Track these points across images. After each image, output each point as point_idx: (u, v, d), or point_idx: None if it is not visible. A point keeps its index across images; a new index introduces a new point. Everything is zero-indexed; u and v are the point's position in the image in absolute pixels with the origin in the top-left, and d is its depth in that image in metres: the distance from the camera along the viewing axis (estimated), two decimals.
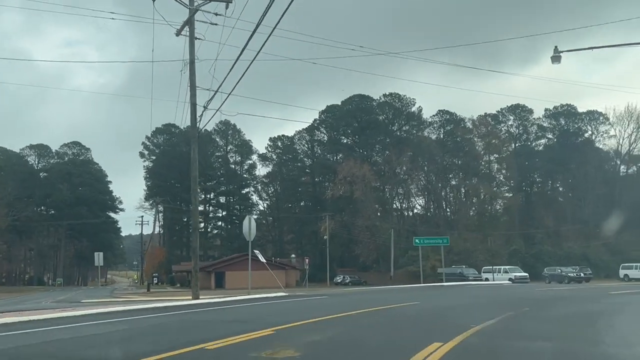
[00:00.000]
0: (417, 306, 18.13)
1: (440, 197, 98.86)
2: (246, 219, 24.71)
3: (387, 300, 20.85)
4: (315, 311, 15.87)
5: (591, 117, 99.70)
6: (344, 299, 22.74)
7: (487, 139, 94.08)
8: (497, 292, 27.54)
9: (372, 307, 16.72)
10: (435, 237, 64.55)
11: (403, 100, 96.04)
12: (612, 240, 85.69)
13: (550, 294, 26.18)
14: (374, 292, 29.22)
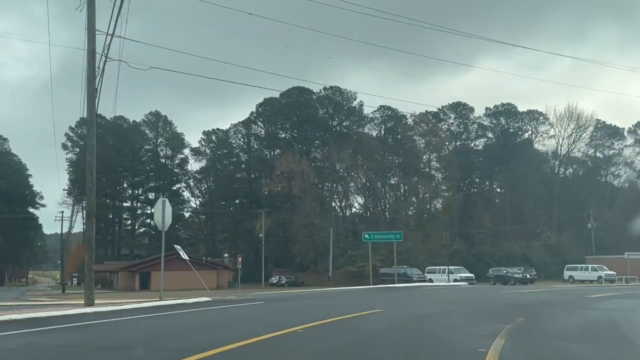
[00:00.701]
0: (383, 316, 14.08)
1: (379, 195, 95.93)
2: (158, 202, 19.98)
3: (340, 308, 16.87)
4: (244, 326, 11.71)
5: (531, 117, 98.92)
6: (284, 306, 18.39)
7: (427, 137, 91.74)
8: (464, 296, 24.08)
9: (324, 319, 12.51)
10: (387, 232, 60.79)
11: (344, 94, 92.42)
12: (552, 241, 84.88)
13: (526, 299, 22.79)
14: (318, 297, 24.98)
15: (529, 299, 22.54)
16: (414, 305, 18.59)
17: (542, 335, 10.54)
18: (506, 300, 21.23)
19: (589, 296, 23.89)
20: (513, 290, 32.57)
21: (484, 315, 14.68)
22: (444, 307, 16.94)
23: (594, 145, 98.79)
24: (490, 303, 19.39)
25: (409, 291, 29.89)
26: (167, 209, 19.91)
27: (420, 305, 18.45)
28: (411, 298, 22.81)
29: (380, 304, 18.37)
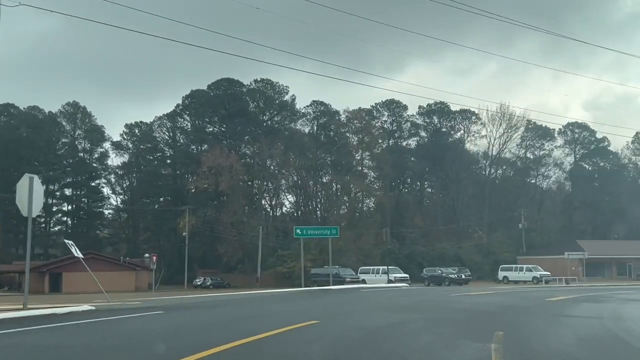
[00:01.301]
0: (321, 332, 10.74)
1: (311, 194, 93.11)
2: (23, 180, 15.51)
3: (263, 319, 13.48)
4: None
5: (464, 117, 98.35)
6: (188, 318, 14.49)
7: (360, 134, 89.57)
8: (412, 301, 21.17)
9: (233, 341, 8.87)
10: (322, 227, 57.50)
11: (275, 88, 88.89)
12: (484, 241, 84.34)
13: (482, 303, 20.10)
14: (239, 303, 21.40)
15: (485, 302, 19.85)
16: (358, 313, 15.40)
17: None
18: (461, 305, 18.45)
19: (549, 299, 21.52)
20: (456, 291, 29.93)
21: (449, 327, 11.69)
22: (397, 317, 13.88)
23: (524, 146, 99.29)
24: (447, 310, 16.53)
25: (347, 294, 26.75)
26: (36, 189, 15.35)
27: (365, 313, 15.30)
28: (352, 303, 19.65)
29: (316, 312, 15.22)
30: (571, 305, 18.29)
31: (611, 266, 75.74)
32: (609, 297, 23.79)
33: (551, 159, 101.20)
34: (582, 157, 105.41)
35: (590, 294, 26.55)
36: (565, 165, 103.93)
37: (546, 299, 21.86)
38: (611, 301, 21.13)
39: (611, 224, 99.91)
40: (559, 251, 75.71)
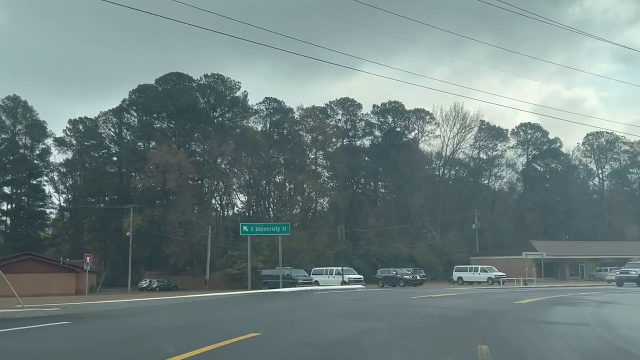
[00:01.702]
0: (261, 351, 8.46)
1: (264, 193, 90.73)
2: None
3: (194, 332, 11.23)
4: None
5: (418, 116, 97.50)
6: (91, 334, 11.95)
7: (314, 132, 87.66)
8: (372, 305, 19.10)
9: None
10: (271, 224, 55.10)
11: (227, 83, 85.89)
12: (437, 242, 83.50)
13: (447, 306, 18.22)
14: (175, 309, 18.99)
15: (451, 306, 18.02)
16: (310, 322, 13.22)
17: None
18: (427, 310, 16.58)
19: (518, 302, 19.84)
20: (414, 293, 28.07)
21: (421, 340, 9.72)
22: (356, 326, 11.83)
23: (478, 146, 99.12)
24: (413, 316, 14.61)
25: (298, 298, 24.58)
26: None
27: (318, 322, 13.13)
28: (303, 309, 17.52)
29: (260, 321, 13.08)
30: (546, 310, 16.64)
31: (564, 267, 75.78)
32: (578, 300, 22.38)
33: (504, 160, 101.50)
34: (534, 158, 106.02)
35: (555, 295, 25.12)
36: (518, 166, 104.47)
37: (515, 301, 20.17)
38: (584, 304, 19.64)
39: (562, 225, 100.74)
40: (512, 251, 75.40)
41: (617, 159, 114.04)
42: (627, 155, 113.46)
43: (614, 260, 79.59)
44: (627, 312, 16.43)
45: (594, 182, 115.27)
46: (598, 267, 76.51)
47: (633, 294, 29.11)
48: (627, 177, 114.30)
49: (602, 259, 79.58)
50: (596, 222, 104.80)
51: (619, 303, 20.49)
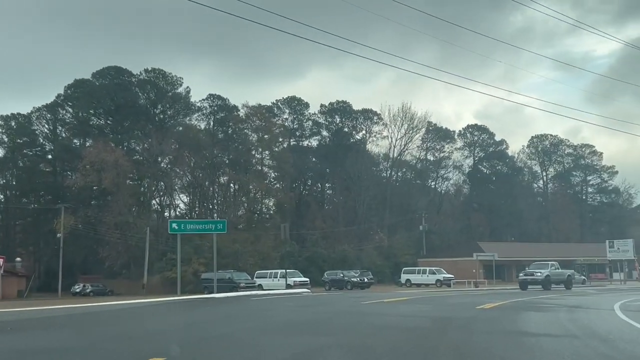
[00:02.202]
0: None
1: (207, 194, 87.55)
2: None
3: (77, 356, 8.51)
4: None
5: (366, 116, 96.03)
6: None
7: (260, 132, 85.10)
8: (318, 312, 16.73)
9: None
10: (205, 221, 51.94)
11: (168, 79, 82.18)
12: (385, 244, 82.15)
13: (404, 314, 15.93)
14: (82, 321, 16.16)
15: (409, 314, 15.88)
16: (237, 339, 10.68)
17: None
18: (382, 319, 14.41)
19: (480, 307, 17.91)
20: (364, 297, 25.93)
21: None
22: (298, 345, 9.45)
23: (425, 147, 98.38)
24: (367, 328, 12.35)
25: (235, 305, 21.96)
26: None
27: (248, 339, 10.54)
28: (237, 320, 15.00)
29: (175, 338, 10.56)
30: (516, 317, 14.72)
31: (511, 269, 75.31)
32: (542, 304, 20.72)
33: (451, 161, 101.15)
34: (480, 159, 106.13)
35: (515, 299, 23.37)
36: (465, 168, 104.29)
37: (476, 306, 18.26)
38: (553, 309, 17.94)
39: (508, 226, 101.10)
40: (460, 253, 74.83)
41: (561, 161, 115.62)
42: (571, 158, 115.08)
43: (560, 262, 79.89)
44: (605, 319, 14.67)
45: (539, 184, 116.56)
46: None
47: (593, 297, 27.84)
48: (570, 180, 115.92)
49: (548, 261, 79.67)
50: (541, 224, 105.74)
51: (587, 307, 18.92)
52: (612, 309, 17.57)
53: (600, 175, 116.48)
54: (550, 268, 42.60)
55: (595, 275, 75.41)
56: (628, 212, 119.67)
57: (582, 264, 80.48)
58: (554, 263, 43.95)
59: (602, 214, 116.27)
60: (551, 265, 43.18)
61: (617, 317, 14.93)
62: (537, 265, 44.47)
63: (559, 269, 43.79)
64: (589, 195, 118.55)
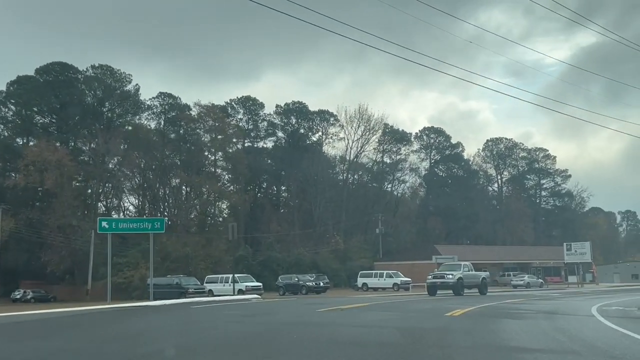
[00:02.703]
0: None
1: (158, 196, 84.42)
2: None
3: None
4: None
5: (322, 118, 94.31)
6: None
7: (214, 132, 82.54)
8: (261, 323, 14.48)
9: None
10: (140, 219, 48.92)
11: (116, 76, 78.72)
12: (341, 247, 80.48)
13: (367, 323, 13.96)
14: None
15: (371, 323, 13.90)
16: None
17: None
18: (343, 331, 12.38)
19: (449, 314, 16.14)
20: (321, 303, 23.84)
21: None
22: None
23: (381, 150, 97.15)
24: (327, 343, 10.18)
25: (169, 315, 19.01)
26: None
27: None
28: (163, 337, 12.54)
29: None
30: (493, 326, 12.98)
31: None
32: (514, 310, 19.11)
33: (407, 164, 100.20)
34: (436, 162, 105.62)
35: (482, 304, 21.69)
36: (421, 171, 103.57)
37: (444, 313, 16.48)
38: (529, 316, 16.31)
39: (464, 229, 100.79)
40: (416, 256, 73.76)
41: (515, 165, 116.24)
42: (525, 161, 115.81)
43: (516, 265, 79.84)
44: (593, 328, 13.05)
45: (494, 187, 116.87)
46: (501, 272, 76.13)
47: (561, 301, 26.62)
48: (525, 183, 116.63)
49: (505, 264, 79.52)
50: (496, 227, 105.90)
51: (565, 313, 17.39)
52: (592, 315, 16.14)
53: (553, 179, 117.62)
54: (462, 270, 37.31)
55: (551, 279, 75.35)
56: (580, 216, 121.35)
57: (538, 267, 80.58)
58: (467, 264, 39.24)
59: (555, 217, 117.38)
60: (464, 266, 38.26)
61: (605, 325, 13.42)
62: (448, 266, 39.69)
63: (472, 271, 38.74)
64: (542, 199, 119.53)
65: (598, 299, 27.63)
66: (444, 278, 36.28)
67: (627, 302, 24.79)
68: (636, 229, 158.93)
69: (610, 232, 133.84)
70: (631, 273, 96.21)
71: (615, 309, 19.83)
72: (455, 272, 36.36)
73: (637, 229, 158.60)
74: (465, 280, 36.52)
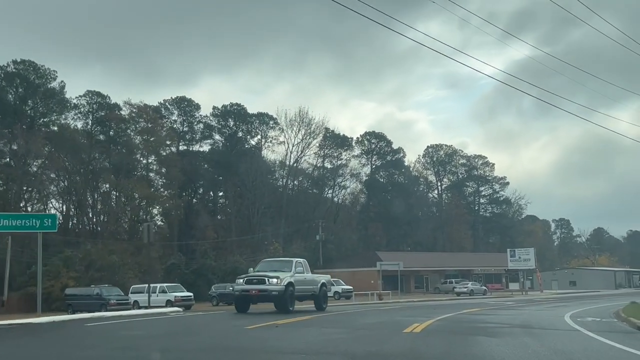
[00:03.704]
0: None
1: (85, 201, 79.29)
2: None
3: None
4: None
5: (262, 121, 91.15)
6: None
7: (146, 134, 78.28)
8: (172, 349, 10.89)
9: None
10: (25, 215, 44.03)
11: (40, 72, 73.29)
12: (280, 254, 77.39)
13: (313, 347, 10.80)
14: None
15: (315, 347, 10.70)
16: None
17: None
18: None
19: (409, 330, 13.38)
20: (255, 317, 20.78)
21: None
22: None
23: (322, 154, 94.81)
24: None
25: (41, 340, 14.59)
26: None
27: None
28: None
29: None
30: (472, 347, 10.29)
31: (409, 279, 72.82)
32: (481, 323, 16.56)
33: (348, 169, 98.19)
34: (377, 168, 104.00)
35: (440, 317, 18.97)
36: (362, 176, 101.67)
37: (403, 330, 13.67)
38: (503, 332, 13.65)
39: (405, 236, 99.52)
40: (357, 263, 71.79)
41: (455, 172, 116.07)
42: (464, 168, 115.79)
43: (457, 272, 78.69)
44: (594, 348, 10.54)
45: (434, 194, 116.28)
46: (442, 280, 74.75)
47: (524, 311, 24.42)
48: (464, 190, 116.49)
49: (446, 271, 78.26)
50: (436, 233, 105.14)
51: (542, 327, 14.94)
52: (575, 329, 13.83)
53: (492, 186, 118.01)
54: (294, 270, 24.78)
55: (492, 286, 74.37)
56: (517, 223, 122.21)
57: (479, 274, 79.69)
58: (301, 262, 26.34)
59: (493, 225, 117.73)
60: (296, 264, 25.47)
61: (602, 343, 11.07)
62: (270, 264, 26.65)
63: (308, 273, 26.64)
64: (481, 206, 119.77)
65: (558, 308, 25.68)
66: (265, 284, 23.18)
67: (595, 311, 22.91)
68: (569, 237, 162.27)
69: (545, 240, 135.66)
70: (569, 280, 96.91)
71: (592, 320, 17.70)
72: (283, 275, 23.62)
73: (570, 237, 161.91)
74: (297, 287, 24.03)
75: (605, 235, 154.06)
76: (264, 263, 27.55)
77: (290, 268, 24.80)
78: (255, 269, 25.98)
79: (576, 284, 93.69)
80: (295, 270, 24.74)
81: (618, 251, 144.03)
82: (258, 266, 26.93)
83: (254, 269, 26.31)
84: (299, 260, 26.38)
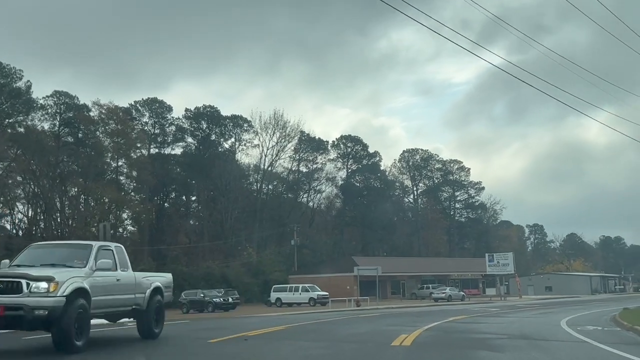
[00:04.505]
0: None
1: (53, 206, 76.65)
2: None
3: None
4: None
5: (235, 123, 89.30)
6: None
7: (116, 136, 75.99)
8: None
9: None
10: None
11: (5, 71, 70.46)
12: (253, 260, 75.77)
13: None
14: None
15: None
16: None
17: None
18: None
19: (398, 344, 11.91)
20: (226, 328, 19.11)
21: None
22: None
23: (297, 158, 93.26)
24: None
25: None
26: None
27: None
28: None
29: None
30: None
31: (385, 284, 71.53)
32: (476, 334, 15.25)
33: (324, 173, 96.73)
34: (353, 172, 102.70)
35: (428, 325, 17.68)
36: (338, 180, 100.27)
37: (391, 343, 12.21)
38: (504, 345, 12.17)
39: (381, 241, 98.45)
40: (333, 269, 70.52)
41: (431, 176, 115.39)
42: (440, 173, 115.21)
43: (434, 277, 77.64)
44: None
45: (410, 199, 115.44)
46: (419, 285, 73.68)
47: (515, 319, 23.17)
48: (439, 195, 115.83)
49: (422, 276, 77.20)
50: (412, 238, 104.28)
51: (546, 339, 13.58)
52: (582, 340, 12.55)
53: (467, 191, 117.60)
54: (91, 262, 12.43)
55: (469, 291, 73.49)
56: (492, 228, 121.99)
57: (456, 279, 78.79)
58: (112, 248, 13.87)
59: (468, 230, 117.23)
60: (98, 253, 12.88)
61: (617, 355, 9.75)
62: (41, 250, 13.91)
63: (127, 270, 14.07)
64: (456, 211, 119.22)
65: (548, 315, 24.51)
66: (20, 293, 10.75)
67: (589, 318, 21.79)
68: (543, 242, 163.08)
69: (519, 245, 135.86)
70: (544, 285, 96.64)
71: (594, 329, 16.49)
72: (66, 273, 11.68)
73: (544, 242, 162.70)
74: (97, 296, 12.13)
75: (578, 240, 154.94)
76: (33, 250, 13.73)
77: (86, 259, 12.47)
78: (14, 261, 13.13)
79: (552, 289, 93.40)
80: (95, 263, 12.38)
81: (591, 256, 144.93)
82: (21, 255, 13.48)
83: (11, 260, 13.40)
84: (106, 246, 13.83)
